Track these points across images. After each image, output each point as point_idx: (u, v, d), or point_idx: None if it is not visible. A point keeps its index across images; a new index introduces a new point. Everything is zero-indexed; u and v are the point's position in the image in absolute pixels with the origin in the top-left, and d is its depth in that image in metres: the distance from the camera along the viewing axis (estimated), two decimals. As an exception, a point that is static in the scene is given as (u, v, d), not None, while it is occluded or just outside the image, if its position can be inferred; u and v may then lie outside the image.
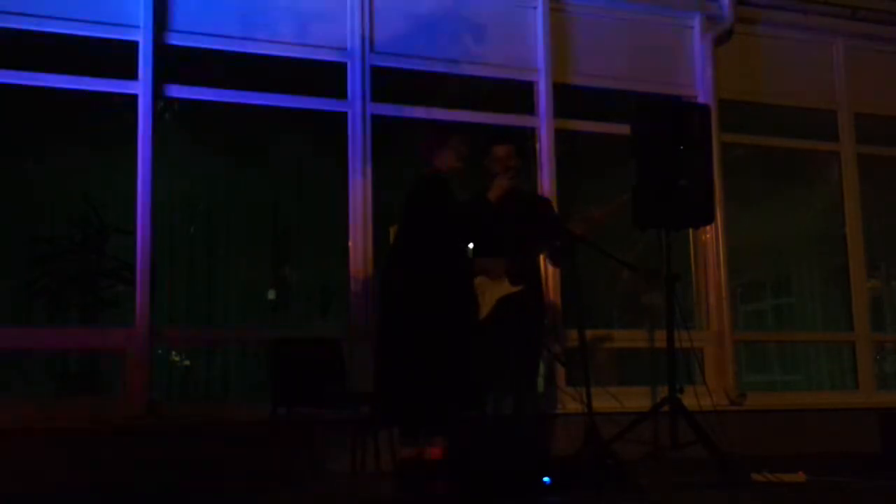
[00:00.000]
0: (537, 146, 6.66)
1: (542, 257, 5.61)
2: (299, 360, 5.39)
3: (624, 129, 5.86)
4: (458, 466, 4.74)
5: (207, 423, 5.53)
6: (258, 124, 6.31)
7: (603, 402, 5.62)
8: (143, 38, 5.82)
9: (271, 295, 6.70)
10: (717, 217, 6.50)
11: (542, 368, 5.91)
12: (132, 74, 5.82)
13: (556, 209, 5.72)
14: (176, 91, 5.95)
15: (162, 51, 5.89)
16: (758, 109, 7.41)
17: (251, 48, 6.11)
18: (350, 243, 6.13)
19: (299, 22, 6.23)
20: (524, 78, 6.77)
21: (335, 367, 5.48)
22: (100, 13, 5.79)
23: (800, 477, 5.02)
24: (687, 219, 5.68)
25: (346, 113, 6.25)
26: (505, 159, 5.25)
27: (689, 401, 5.39)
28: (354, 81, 6.27)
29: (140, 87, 5.79)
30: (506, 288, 5.09)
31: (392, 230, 5.36)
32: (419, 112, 6.43)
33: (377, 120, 6.28)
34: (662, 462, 5.66)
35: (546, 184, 6.57)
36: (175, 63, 5.93)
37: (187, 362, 6.53)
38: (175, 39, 5.96)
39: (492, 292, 5.09)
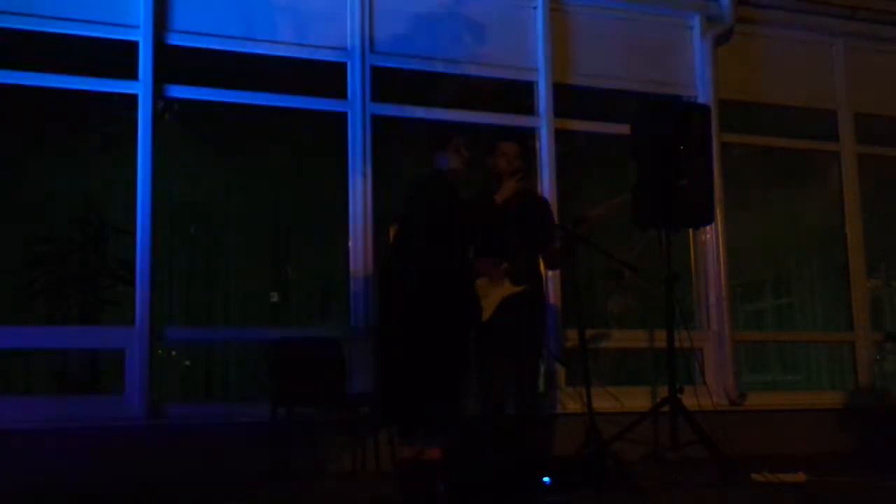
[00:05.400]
0: (537, 146, 6.66)
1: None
2: (299, 360, 5.39)
3: (624, 129, 5.86)
4: (458, 466, 4.74)
5: (207, 423, 5.53)
6: (258, 124, 6.31)
7: (603, 402, 5.62)
8: (143, 38, 5.82)
9: (274, 297, 6.70)
10: (717, 217, 6.51)
11: (542, 368, 5.90)
12: (132, 74, 5.82)
13: (552, 211, 5.70)
14: (176, 91, 5.94)
15: (162, 51, 5.89)
16: (758, 109, 7.41)
17: (251, 48, 6.11)
18: (350, 243, 6.13)
19: (299, 22, 6.22)
20: (524, 78, 6.76)
21: (335, 367, 5.48)
22: (100, 13, 5.79)
23: (800, 477, 5.02)
24: (687, 219, 5.68)
25: (346, 113, 6.25)
26: (512, 158, 5.25)
27: (689, 401, 5.39)
28: (354, 81, 6.27)
29: (140, 87, 5.79)
30: (508, 288, 5.10)
31: (392, 230, 5.36)
32: (419, 112, 6.43)
33: (377, 120, 6.28)
34: (662, 462, 5.67)
35: (546, 184, 6.57)
36: (175, 63, 5.93)
37: (187, 362, 6.53)
38: (175, 39, 5.96)
39: (494, 293, 5.09)
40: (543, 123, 6.67)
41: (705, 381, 6.05)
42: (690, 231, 6.79)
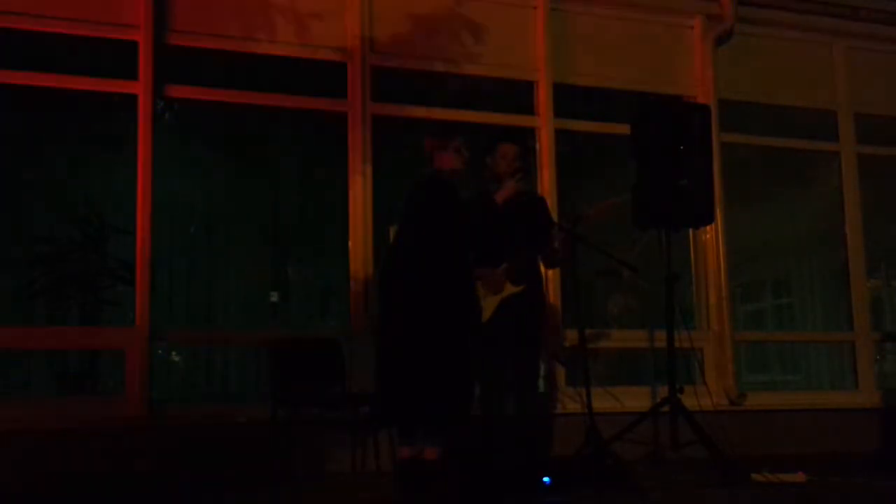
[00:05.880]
0: (537, 146, 6.66)
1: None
2: (299, 360, 5.39)
3: (624, 129, 5.86)
4: (458, 467, 4.74)
5: (207, 423, 5.53)
6: (258, 124, 6.31)
7: (603, 402, 5.62)
8: (143, 38, 5.82)
9: (274, 297, 6.70)
10: (717, 217, 6.51)
11: (542, 369, 5.91)
12: (132, 74, 5.82)
13: (549, 209, 5.70)
14: (176, 91, 5.94)
15: (162, 51, 5.89)
16: (758, 109, 7.41)
17: (251, 48, 6.11)
18: (350, 243, 6.13)
19: (299, 22, 6.22)
20: (524, 78, 6.77)
21: (335, 367, 5.48)
22: (100, 13, 5.79)
23: (800, 477, 5.03)
24: (687, 219, 5.69)
25: (346, 113, 6.25)
26: (511, 158, 5.25)
27: (689, 401, 5.39)
28: (354, 81, 6.27)
29: (140, 87, 5.79)
30: (508, 288, 5.09)
31: (392, 230, 5.35)
32: (419, 112, 6.43)
33: (377, 120, 6.28)
34: (662, 462, 5.67)
35: (546, 184, 6.57)
36: (175, 63, 5.93)
37: (187, 362, 6.53)
38: (175, 39, 5.96)
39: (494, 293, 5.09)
40: (543, 123, 6.67)
41: (705, 381, 6.06)
42: (690, 231, 6.80)
